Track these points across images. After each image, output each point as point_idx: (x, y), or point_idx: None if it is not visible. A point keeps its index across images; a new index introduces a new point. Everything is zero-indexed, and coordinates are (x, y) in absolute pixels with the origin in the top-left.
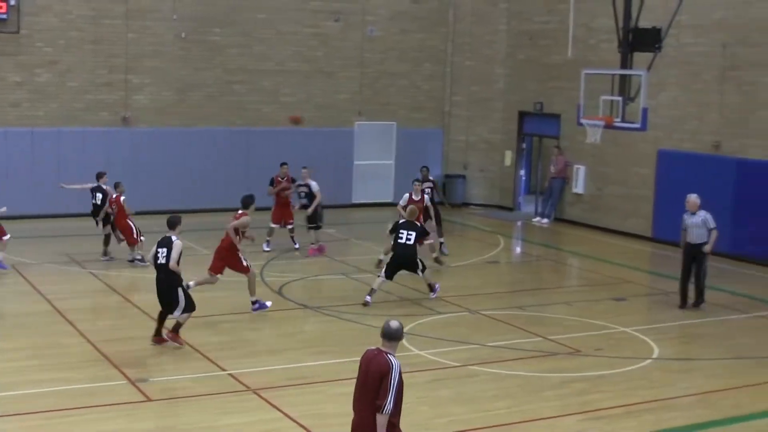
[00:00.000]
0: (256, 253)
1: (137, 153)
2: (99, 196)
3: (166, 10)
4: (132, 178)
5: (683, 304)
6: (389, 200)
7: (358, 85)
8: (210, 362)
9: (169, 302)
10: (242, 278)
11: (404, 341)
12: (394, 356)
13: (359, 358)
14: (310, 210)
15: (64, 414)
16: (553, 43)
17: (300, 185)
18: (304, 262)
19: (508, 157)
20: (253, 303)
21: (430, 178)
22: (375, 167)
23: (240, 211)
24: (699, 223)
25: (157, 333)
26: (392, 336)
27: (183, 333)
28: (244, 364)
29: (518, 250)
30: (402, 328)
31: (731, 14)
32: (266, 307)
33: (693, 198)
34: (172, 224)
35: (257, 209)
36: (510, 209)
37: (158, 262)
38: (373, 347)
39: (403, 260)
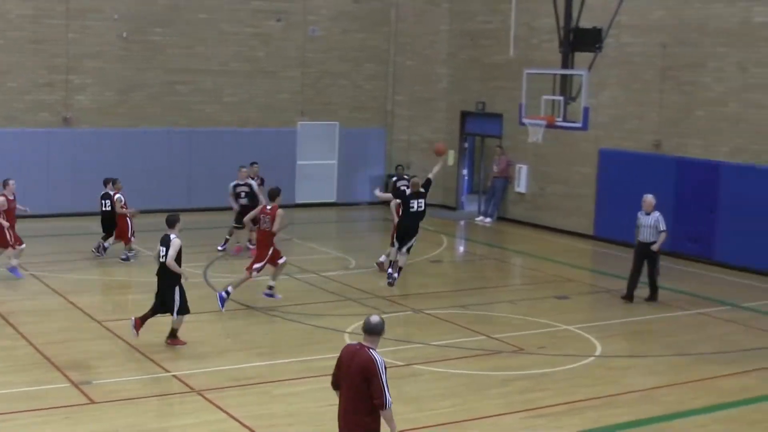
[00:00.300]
0: (202, 254)
1: (79, 154)
2: (107, 202)
3: (107, 9)
4: (73, 179)
5: (629, 297)
6: (332, 200)
7: (300, 85)
8: (154, 364)
9: (165, 301)
10: (185, 279)
11: (348, 340)
12: (375, 351)
13: (311, 358)
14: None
15: (6, 418)
16: (494, 42)
17: (239, 185)
18: (248, 263)
19: (451, 157)
20: (226, 293)
21: (405, 176)
22: (318, 167)
23: (270, 206)
24: (651, 223)
25: (144, 318)
26: (372, 330)
27: (125, 333)
28: (189, 366)
29: (461, 249)
30: (383, 322)
31: (669, 14)
32: (223, 298)
33: (649, 198)
34: (172, 223)
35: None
36: (453, 209)
37: (160, 260)
38: (354, 342)
39: (411, 228)
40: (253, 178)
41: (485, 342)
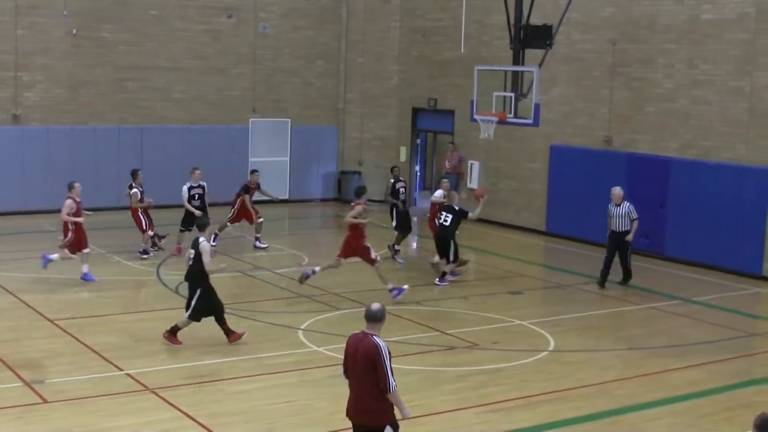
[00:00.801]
0: (157, 252)
1: (28, 151)
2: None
3: (56, 5)
4: (23, 176)
5: (602, 285)
6: (285, 197)
7: (252, 82)
8: (107, 362)
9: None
10: (138, 277)
11: (302, 337)
12: (378, 337)
13: (264, 355)
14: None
15: None
16: (446, 39)
17: (193, 187)
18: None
19: (403, 153)
20: (391, 290)
21: (401, 178)
22: (270, 164)
23: (354, 203)
24: (623, 213)
25: (227, 332)
26: (373, 317)
27: (78, 332)
28: (142, 364)
29: (414, 245)
30: (383, 309)
31: (619, 12)
32: (404, 290)
33: (618, 191)
34: (202, 226)
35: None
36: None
37: (189, 263)
38: (358, 331)
39: (439, 238)
40: (254, 186)
41: (439, 338)
